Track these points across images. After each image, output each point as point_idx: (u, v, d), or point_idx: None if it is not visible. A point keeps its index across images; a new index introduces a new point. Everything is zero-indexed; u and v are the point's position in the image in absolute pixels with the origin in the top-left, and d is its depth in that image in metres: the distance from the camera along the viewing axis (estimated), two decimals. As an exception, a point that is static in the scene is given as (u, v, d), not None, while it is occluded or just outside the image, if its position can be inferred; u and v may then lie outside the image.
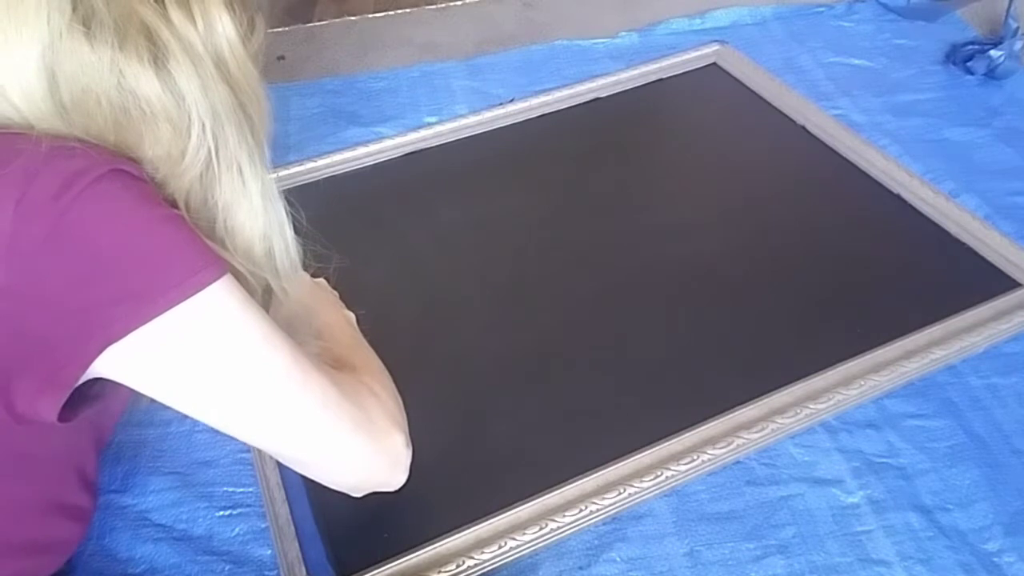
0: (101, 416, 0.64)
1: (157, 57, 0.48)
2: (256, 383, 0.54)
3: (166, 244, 0.49)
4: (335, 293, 0.85)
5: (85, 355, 0.48)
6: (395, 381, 0.84)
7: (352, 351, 0.73)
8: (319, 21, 1.60)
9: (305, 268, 0.64)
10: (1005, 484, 0.80)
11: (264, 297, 0.58)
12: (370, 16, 1.59)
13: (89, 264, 0.47)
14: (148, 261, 0.48)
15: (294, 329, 0.63)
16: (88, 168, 0.46)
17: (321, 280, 0.85)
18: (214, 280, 0.50)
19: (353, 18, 1.59)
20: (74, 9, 0.46)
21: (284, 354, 0.55)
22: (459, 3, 1.60)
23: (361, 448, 0.61)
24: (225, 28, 0.51)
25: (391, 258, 1.06)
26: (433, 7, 1.60)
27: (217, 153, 0.52)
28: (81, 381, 0.50)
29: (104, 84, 0.48)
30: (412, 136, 1.24)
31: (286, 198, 0.59)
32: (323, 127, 1.30)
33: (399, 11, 1.59)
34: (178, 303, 0.49)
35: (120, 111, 0.49)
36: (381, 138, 1.24)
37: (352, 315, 0.83)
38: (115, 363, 0.50)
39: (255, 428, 0.57)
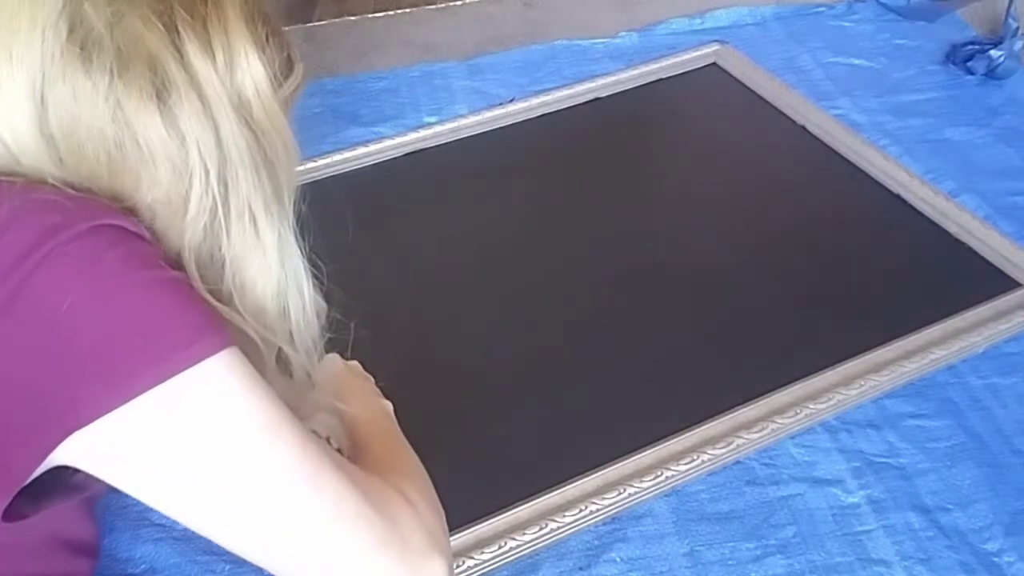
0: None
1: (160, 91, 0.43)
2: (254, 482, 0.43)
3: (151, 312, 0.42)
4: (370, 378, 0.74)
5: (42, 445, 0.41)
6: (395, 382, 0.79)
7: (387, 449, 0.61)
8: (319, 21, 1.60)
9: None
10: (1005, 484, 0.80)
11: (278, 376, 0.51)
12: (370, 16, 1.59)
13: (52, 337, 0.40)
14: (125, 332, 0.41)
15: (316, 421, 0.57)
16: (65, 224, 0.40)
17: (354, 363, 0.74)
18: (209, 355, 0.42)
19: (353, 18, 1.59)
20: (71, 30, 0.42)
21: (293, 447, 0.44)
22: (459, 3, 1.60)
23: (386, 572, 0.46)
24: (252, 69, 0.46)
25: (391, 257, 1.06)
26: (433, 7, 1.60)
27: (226, 201, 0.46)
28: (38, 473, 0.42)
29: (98, 116, 0.43)
30: (412, 136, 1.24)
31: (312, 254, 0.53)
32: (323, 127, 1.30)
33: (399, 11, 1.59)
34: (157, 384, 0.40)
35: (115, 147, 0.43)
36: (381, 138, 1.24)
37: (389, 405, 0.70)
38: (80, 453, 0.41)
39: (250, 538, 0.45)
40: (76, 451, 0.41)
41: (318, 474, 0.45)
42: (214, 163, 0.45)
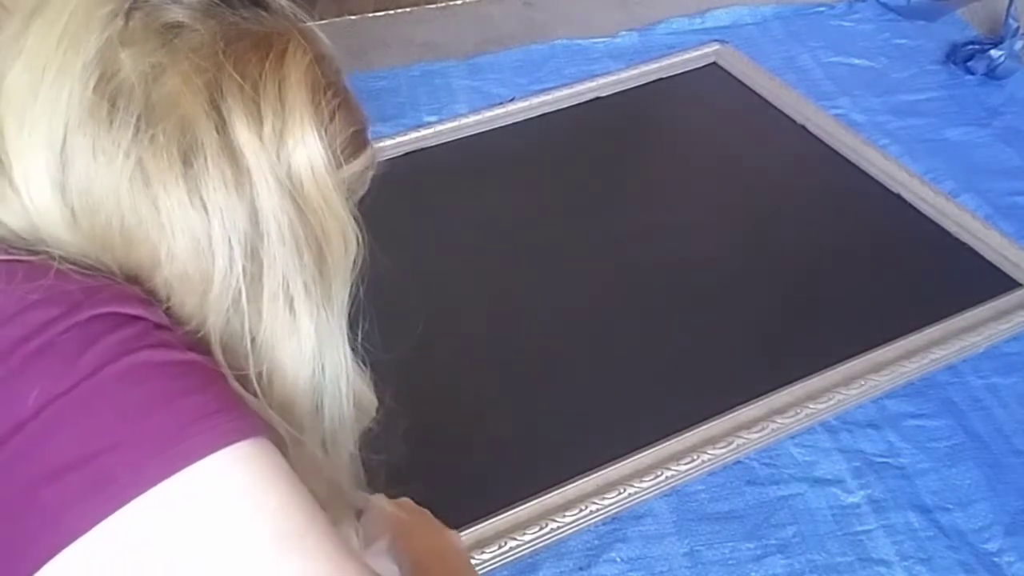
0: None
1: (188, 155, 0.38)
2: None
3: (145, 400, 0.35)
4: (426, 512, 0.64)
5: (25, 567, 0.34)
6: (395, 382, 0.79)
7: None
8: (319, 21, 1.60)
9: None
10: (1005, 484, 0.80)
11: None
12: (370, 16, 1.59)
13: (29, 438, 0.34)
14: (110, 426, 0.35)
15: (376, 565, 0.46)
16: (62, 317, 0.36)
17: (406, 500, 0.65)
18: (218, 446, 0.35)
19: (353, 18, 1.59)
20: (102, 78, 0.37)
21: (328, 561, 0.37)
22: (459, 3, 1.60)
23: None
24: (307, 143, 0.41)
25: (391, 257, 1.05)
26: (433, 7, 1.60)
27: (258, 281, 0.40)
28: None
29: (115, 174, 0.38)
30: (412, 135, 1.24)
31: (364, 344, 0.47)
32: (323, 127, 1.30)
33: (399, 11, 1.59)
34: (149, 487, 0.34)
35: (130, 212, 0.38)
36: (381, 138, 1.24)
37: (456, 537, 0.62)
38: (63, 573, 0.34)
39: None
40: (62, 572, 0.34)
41: None
42: (244, 239, 0.39)
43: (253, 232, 0.40)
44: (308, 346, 0.43)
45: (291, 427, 0.42)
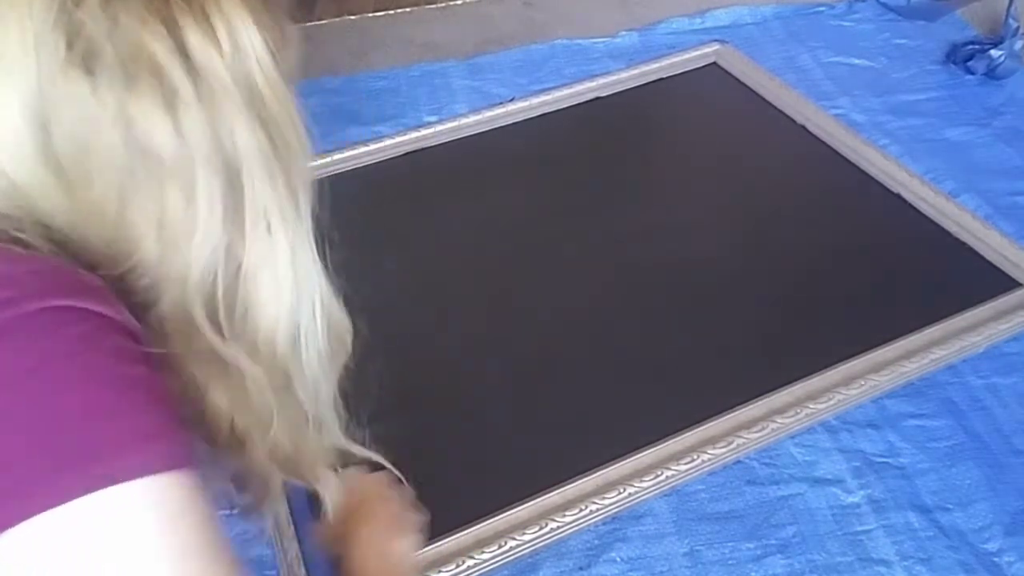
0: None
1: (169, 100, 0.38)
2: None
3: (79, 411, 0.34)
4: (397, 499, 0.65)
5: None
6: (395, 382, 0.76)
7: None
8: (319, 21, 1.60)
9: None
10: (1005, 484, 0.80)
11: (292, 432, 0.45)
12: (370, 16, 1.59)
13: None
14: (37, 432, 0.34)
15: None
16: (10, 302, 0.35)
17: (380, 476, 0.65)
18: (148, 472, 0.35)
19: (353, 18, 1.59)
20: (70, 46, 0.37)
21: None
22: (459, 3, 1.60)
23: None
24: (254, 46, 0.41)
25: (391, 256, 1.06)
26: (433, 7, 1.60)
27: (241, 210, 0.41)
28: None
29: (109, 138, 0.38)
30: (412, 135, 1.24)
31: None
32: (323, 126, 1.29)
33: (399, 11, 1.59)
34: (61, 502, 0.33)
35: (126, 173, 0.38)
36: (381, 137, 1.24)
37: (412, 544, 0.62)
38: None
39: None
40: None
41: None
42: (223, 169, 0.40)
43: (230, 161, 0.40)
44: (286, 270, 0.43)
45: (276, 369, 0.43)
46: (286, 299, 0.43)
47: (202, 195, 0.39)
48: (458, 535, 0.76)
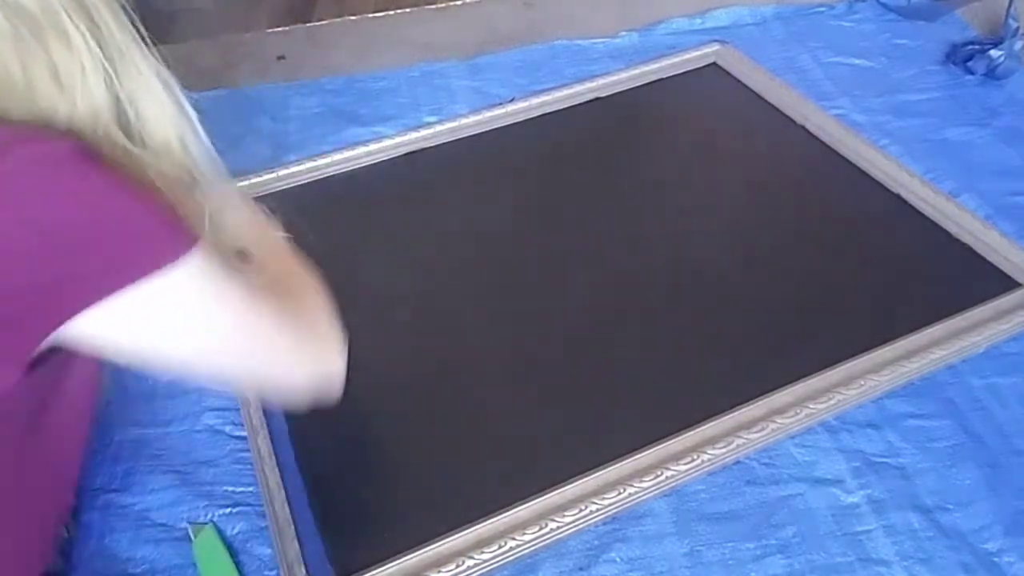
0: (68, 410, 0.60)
1: None
2: (225, 339, 0.56)
3: (132, 214, 0.47)
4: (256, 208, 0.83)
5: (41, 329, 0.47)
6: (394, 380, 0.90)
7: (288, 273, 0.76)
8: (319, 21, 1.61)
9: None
10: (1005, 484, 0.80)
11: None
12: (370, 16, 1.59)
13: (42, 238, 0.44)
14: (111, 232, 0.46)
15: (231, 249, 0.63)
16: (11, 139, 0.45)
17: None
18: (188, 252, 0.49)
19: (353, 18, 1.59)
20: None
21: (243, 304, 0.56)
22: (459, 3, 1.60)
23: (309, 356, 0.66)
24: None
25: (390, 258, 1.06)
26: (433, 7, 1.60)
27: (106, 43, 0.49)
28: (40, 350, 0.49)
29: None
30: (412, 136, 1.24)
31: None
32: (323, 127, 1.30)
33: (399, 11, 1.60)
34: (147, 276, 0.47)
35: (15, 40, 0.45)
36: (381, 138, 1.24)
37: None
38: (78, 333, 0.48)
39: (218, 371, 0.59)
40: (73, 333, 0.47)
41: (262, 317, 0.58)
42: (83, 13, 0.47)
43: (84, 3, 0.47)
44: (157, 88, 0.52)
45: (182, 168, 0.54)
46: (168, 112, 0.53)
47: (76, 39, 0.47)
48: (458, 535, 0.76)
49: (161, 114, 0.53)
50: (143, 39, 0.52)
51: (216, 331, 0.55)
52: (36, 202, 0.44)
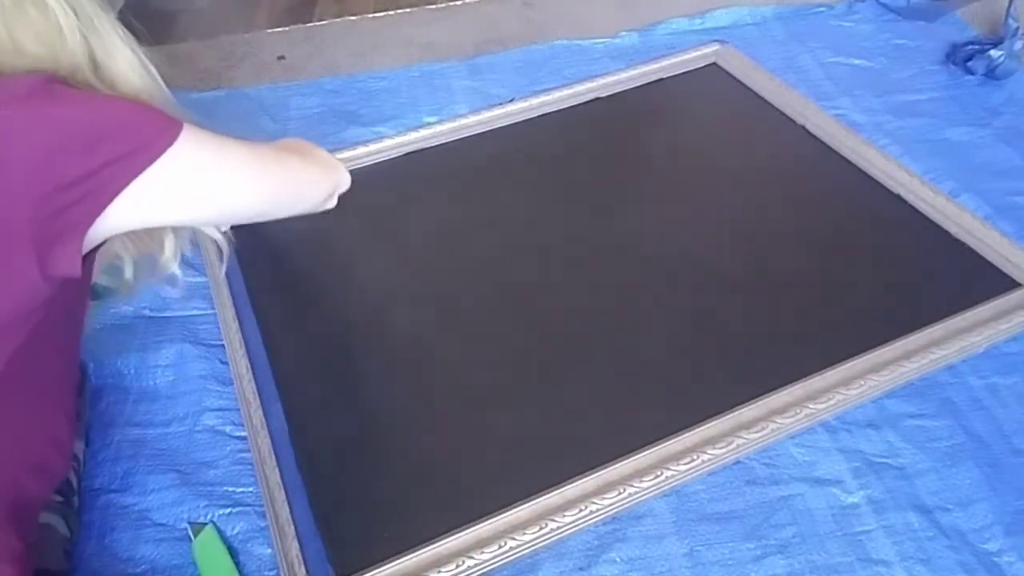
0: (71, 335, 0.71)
1: None
2: (241, 180, 0.69)
3: (130, 112, 0.60)
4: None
5: (95, 210, 0.57)
6: (395, 380, 0.91)
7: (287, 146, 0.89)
8: (319, 21, 1.60)
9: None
10: (1005, 484, 0.80)
11: None
12: (370, 16, 1.59)
13: (78, 138, 0.55)
14: (123, 126, 0.58)
15: None
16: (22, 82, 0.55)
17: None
18: (181, 128, 0.60)
19: (353, 18, 1.59)
20: None
21: (242, 148, 0.69)
22: (459, 3, 1.60)
23: (316, 172, 0.83)
24: None
25: (391, 257, 1.06)
26: (433, 7, 1.60)
27: (81, 12, 0.59)
28: (99, 237, 0.60)
29: None
30: (412, 136, 1.24)
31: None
32: (323, 127, 1.30)
33: (399, 11, 1.60)
34: (159, 156, 0.59)
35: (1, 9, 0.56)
36: (381, 138, 1.24)
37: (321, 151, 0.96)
38: (126, 211, 0.59)
39: (250, 206, 0.74)
40: (125, 207, 0.58)
41: (265, 154, 0.73)
42: None
43: None
44: (119, 43, 0.62)
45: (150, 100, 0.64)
46: (134, 69, 0.63)
47: (53, 6, 0.58)
48: (458, 535, 0.76)
49: (128, 70, 0.63)
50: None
51: (232, 173, 0.67)
52: (55, 110, 0.55)
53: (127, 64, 0.63)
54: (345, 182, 0.88)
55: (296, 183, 0.79)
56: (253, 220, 0.77)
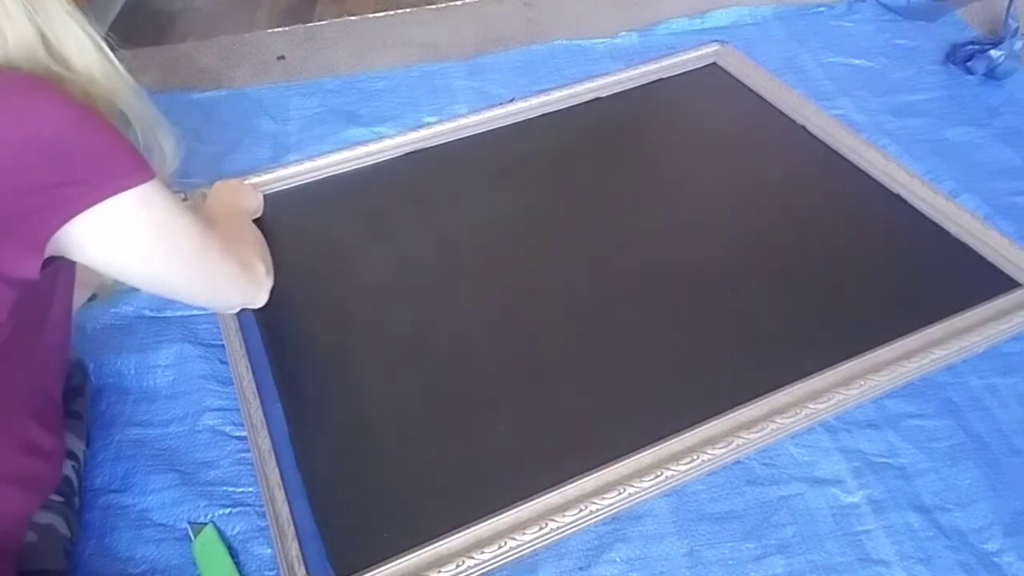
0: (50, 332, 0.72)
1: None
2: (181, 250, 0.71)
3: (111, 139, 0.61)
4: (243, 184, 1.13)
5: (50, 224, 0.59)
6: (395, 379, 0.91)
7: (232, 224, 0.99)
8: (319, 21, 1.60)
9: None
10: (1005, 484, 0.80)
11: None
12: (370, 16, 1.59)
13: (41, 147, 0.56)
14: (96, 149, 0.60)
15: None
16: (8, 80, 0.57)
17: (220, 181, 1.11)
18: (151, 175, 0.64)
19: (353, 18, 1.59)
20: None
21: (196, 227, 0.72)
22: (459, 3, 1.60)
23: (243, 280, 0.86)
24: None
25: (391, 257, 1.06)
26: (433, 7, 1.60)
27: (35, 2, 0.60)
28: (47, 254, 0.60)
29: None
30: (412, 136, 1.24)
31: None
32: (323, 127, 1.30)
33: (399, 11, 1.60)
34: (124, 190, 0.61)
35: None
36: (381, 138, 1.24)
37: (253, 202, 1.09)
38: (74, 235, 0.61)
39: (175, 281, 0.75)
40: (69, 235, 0.60)
41: (208, 242, 0.75)
42: None
43: None
44: (67, 17, 0.62)
45: (109, 100, 0.65)
46: (87, 44, 0.64)
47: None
48: (458, 535, 0.76)
49: (82, 49, 0.64)
50: None
51: (176, 243, 0.70)
52: (30, 117, 0.56)
53: (76, 42, 0.63)
54: (259, 302, 0.91)
55: (225, 281, 0.82)
56: (172, 296, 0.81)
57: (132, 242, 0.66)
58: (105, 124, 0.61)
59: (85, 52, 0.64)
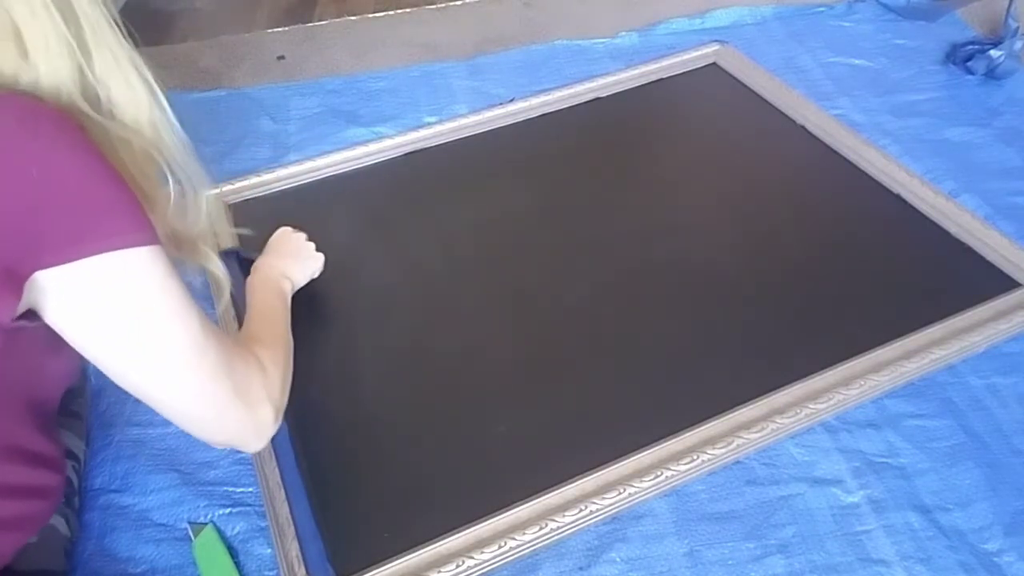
0: (41, 379, 0.64)
1: None
2: (158, 347, 0.57)
3: (109, 194, 0.52)
4: (301, 236, 0.99)
5: (22, 272, 0.51)
6: (395, 379, 0.90)
7: (263, 323, 0.81)
8: (319, 21, 1.60)
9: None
10: (1005, 484, 0.80)
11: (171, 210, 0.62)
12: (370, 16, 1.59)
13: (35, 194, 0.49)
14: (90, 205, 0.51)
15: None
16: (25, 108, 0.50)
17: (286, 229, 0.99)
18: (146, 244, 0.54)
19: (353, 18, 1.59)
20: None
21: (191, 328, 0.58)
22: (459, 3, 1.60)
23: (233, 416, 0.64)
24: None
25: (391, 257, 1.06)
26: (433, 7, 1.60)
27: (78, 21, 0.52)
28: (19, 309, 0.52)
29: None
30: (412, 136, 1.24)
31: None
32: (323, 127, 1.30)
33: (399, 11, 1.60)
34: (108, 251, 0.52)
35: None
36: (381, 138, 1.24)
37: (317, 261, 0.97)
38: (41, 289, 0.52)
39: (145, 383, 0.59)
40: (38, 288, 0.52)
41: (204, 350, 0.59)
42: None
43: None
44: (125, 63, 0.55)
45: (149, 147, 0.57)
46: (141, 96, 0.56)
47: (39, 8, 0.50)
48: (458, 535, 0.76)
49: (131, 95, 0.56)
50: (117, 24, 0.55)
51: (155, 335, 0.57)
52: (29, 156, 0.49)
53: (129, 89, 0.56)
54: (251, 447, 0.69)
55: (209, 412, 0.63)
56: (142, 400, 0.61)
57: (100, 315, 0.54)
58: (110, 174, 0.52)
59: (135, 104, 0.56)
